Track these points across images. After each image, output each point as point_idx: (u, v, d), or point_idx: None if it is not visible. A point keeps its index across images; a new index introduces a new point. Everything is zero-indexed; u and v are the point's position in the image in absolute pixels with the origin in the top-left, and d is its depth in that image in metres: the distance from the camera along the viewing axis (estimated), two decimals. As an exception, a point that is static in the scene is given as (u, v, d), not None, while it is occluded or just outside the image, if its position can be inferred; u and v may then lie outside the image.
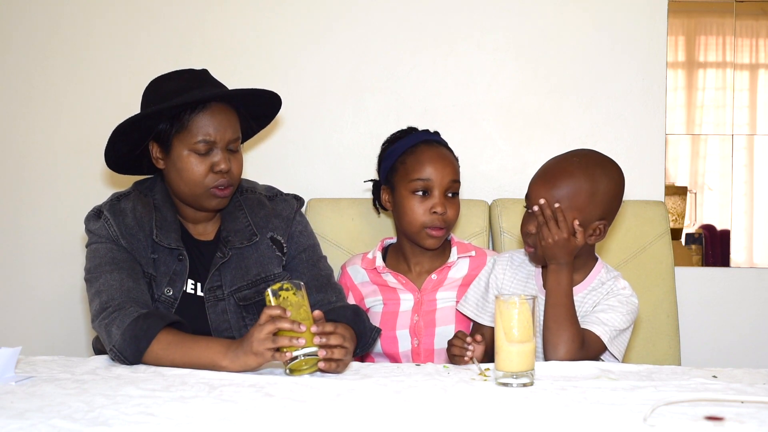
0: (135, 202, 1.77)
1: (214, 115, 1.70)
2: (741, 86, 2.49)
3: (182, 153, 1.70)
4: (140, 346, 1.54)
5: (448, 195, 1.92)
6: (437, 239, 1.92)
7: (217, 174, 1.71)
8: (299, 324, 1.46)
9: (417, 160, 1.92)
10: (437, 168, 1.90)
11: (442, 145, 1.98)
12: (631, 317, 1.71)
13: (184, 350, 1.53)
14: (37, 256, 2.44)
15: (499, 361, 1.39)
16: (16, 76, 2.43)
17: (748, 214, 2.50)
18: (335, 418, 1.18)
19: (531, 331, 1.39)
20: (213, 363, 1.50)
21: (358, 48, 2.41)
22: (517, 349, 1.37)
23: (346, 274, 2.05)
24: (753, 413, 1.18)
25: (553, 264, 1.67)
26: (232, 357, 1.49)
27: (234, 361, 1.48)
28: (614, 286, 1.74)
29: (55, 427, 1.12)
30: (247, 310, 1.77)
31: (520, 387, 1.37)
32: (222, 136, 1.71)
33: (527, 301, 1.39)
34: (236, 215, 1.82)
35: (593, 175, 1.68)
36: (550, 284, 1.66)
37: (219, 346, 1.52)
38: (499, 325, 1.39)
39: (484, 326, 1.83)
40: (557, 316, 1.63)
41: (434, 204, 1.89)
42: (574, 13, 2.39)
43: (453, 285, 1.97)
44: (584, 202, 1.67)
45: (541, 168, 1.75)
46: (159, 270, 1.72)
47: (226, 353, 1.50)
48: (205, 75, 1.78)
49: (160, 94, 1.71)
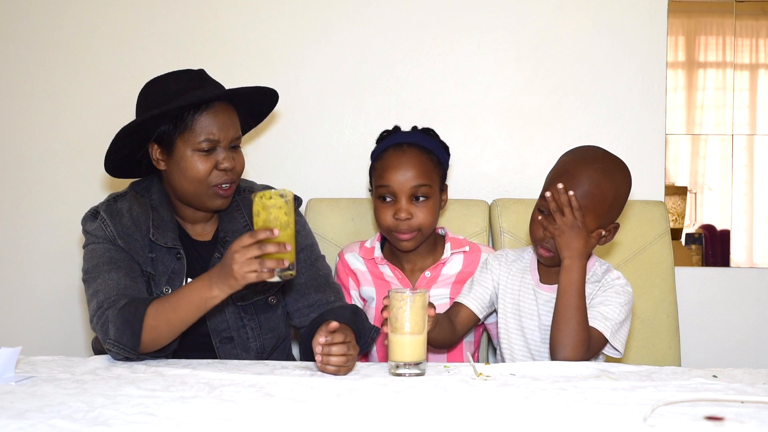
0: (131, 202, 1.77)
1: (217, 115, 1.71)
2: (741, 86, 2.49)
3: (186, 153, 1.70)
4: (135, 329, 1.55)
5: (419, 199, 1.89)
6: (408, 242, 1.91)
7: (221, 171, 1.72)
8: (285, 245, 1.45)
9: (382, 166, 1.91)
10: (398, 174, 1.88)
11: (419, 146, 1.92)
12: (629, 307, 1.71)
13: (173, 306, 1.56)
14: (37, 256, 2.44)
15: (392, 351, 1.47)
16: (16, 76, 2.43)
17: (748, 214, 2.50)
18: (335, 418, 1.18)
19: (423, 323, 1.47)
20: (204, 300, 1.53)
21: (358, 48, 2.41)
22: (410, 339, 1.46)
23: (343, 259, 2.05)
24: (753, 413, 1.18)
25: (567, 256, 1.63)
26: (219, 286, 1.51)
27: (222, 289, 1.51)
28: (607, 277, 1.74)
29: (55, 427, 1.12)
30: (245, 310, 1.77)
31: (412, 377, 1.45)
32: (225, 135, 1.72)
33: (420, 294, 1.46)
34: (234, 215, 1.83)
35: (616, 181, 1.67)
36: (563, 282, 1.64)
37: (201, 282, 1.54)
38: (393, 316, 1.46)
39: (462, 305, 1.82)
40: (569, 318, 1.61)
41: (397, 209, 1.88)
42: (574, 13, 2.39)
43: (446, 282, 1.97)
44: (606, 209, 1.67)
45: (560, 168, 1.73)
46: (157, 269, 1.73)
47: (211, 286, 1.52)
48: (204, 75, 1.78)
49: (161, 96, 1.70)
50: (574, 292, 1.62)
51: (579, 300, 1.62)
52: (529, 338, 1.78)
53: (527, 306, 1.78)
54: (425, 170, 1.89)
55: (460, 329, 1.81)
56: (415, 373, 1.46)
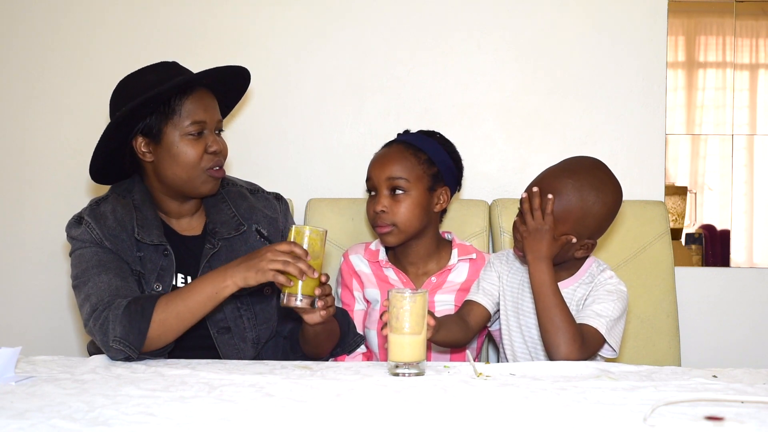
0: (114, 204, 1.78)
1: (201, 99, 1.75)
2: (741, 86, 2.49)
3: (174, 139, 1.72)
4: (141, 327, 1.55)
5: (395, 193, 1.92)
6: (386, 236, 1.94)
7: (211, 155, 1.75)
8: (313, 270, 1.52)
9: (370, 162, 1.99)
10: (376, 167, 1.95)
11: (406, 143, 1.96)
12: (623, 304, 1.71)
13: (183, 298, 1.58)
14: (37, 256, 2.44)
15: (392, 351, 1.47)
16: (16, 76, 2.43)
17: (748, 214, 2.50)
18: (335, 418, 1.18)
19: (423, 323, 1.47)
20: (216, 291, 1.56)
21: (358, 48, 2.41)
22: (409, 340, 1.45)
23: (347, 260, 2.05)
24: (753, 413, 1.18)
25: (530, 259, 1.67)
26: (233, 276, 1.55)
27: (235, 280, 1.55)
28: (600, 277, 1.75)
29: (55, 427, 1.12)
30: (241, 301, 1.79)
31: (412, 377, 1.45)
32: (211, 118, 1.76)
33: (420, 295, 1.46)
34: (221, 207, 1.84)
35: (586, 199, 1.67)
36: (534, 283, 1.66)
37: (215, 273, 1.59)
38: (393, 316, 1.46)
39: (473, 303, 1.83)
40: (552, 318, 1.63)
41: (375, 203, 1.93)
42: (574, 13, 2.39)
43: (452, 289, 1.98)
44: (572, 223, 1.67)
45: (544, 172, 1.75)
46: (146, 267, 1.73)
47: (225, 276, 1.56)
48: (178, 65, 1.81)
49: (141, 88, 1.71)
50: (548, 292, 1.64)
51: (555, 298, 1.64)
52: (527, 336, 1.78)
53: (526, 304, 1.78)
54: (405, 165, 1.93)
55: (473, 326, 1.81)
56: (414, 373, 1.46)
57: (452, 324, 1.75)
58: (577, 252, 1.71)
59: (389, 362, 1.49)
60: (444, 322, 1.70)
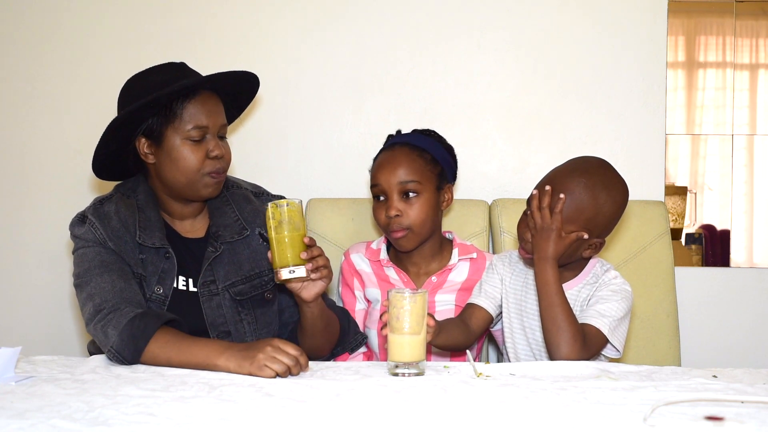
0: (118, 204, 1.77)
1: (204, 103, 1.73)
2: (741, 86, 2.49)
3: (176, 143, 1.71)
4: (138, 346, 1.54)
5: (408, 196, 1.91)
6: (401, 241, 1.93)
7: (212, 160, 1.73)
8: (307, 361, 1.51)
9: (374, 167, 1.97)
10: (386, 172, 1.92)
11: (410, 145, 1.94)
12: (627, 304, 1.71)
13: (181, 349, 1.53)
14: (37, 256, 2.44)
15: (391, 351, 1.47)
16: (16, 76, 2.43)
17: (748, 214, 2.50)
18: (335, 418, 1.18)
19: (423, 323, 1.47)
20: (208, 361, 1.49)
21: (358, 48, 2.41)
22: (409, 340, 1.46)
23: (348, 259, 2.05)
24: (753, 413, 1.18)
25: (537, 258, 1.66)
26: (228, 356, 1.48)
27: (229, 360, 1.48)
28: (604, 276, 1.75)
29: (55, 427, 1.12)
30: (242, 305, 1.78)
31: (412, 377, 1.45)
32: (214, 122, 1.73)
33: (420, 295, 1.46)
34: (224, 210, 1.84)
35: (598, 198, 1.66)
36: (538, 283, 1.66)
37: (216, 345, 1.52)
38: (393, 316, 1.46)
39: (475, 306, 1.83)
40: (554, 317, 1.62)
41: (387, 207, 1.91)
42: (574, 13, 2.39)
43: (452, 288, 1.98)
44: (583, 223, 1.66)
45: (553, 171, 1.74)
46: (147, 269, 1.72)
47: (222, 352, 1.50)
48: (185, 66, 1.79)
49: (146, 88, 1.70)
50: (552, 292, 1.64)
51: (558, 297, 1.63)
52: (531, 338, 1.78)
53: (530, 305, 1.78)
54: (414, 167, 1.91)
55: (475, 330, 1.81)
56: (414, 373, 1.46)
57: (453, 327, 1.74)
58: (586, 251, 1.71)
59: (389, 362, 1.49)
60: (445, 325, 1.69)
